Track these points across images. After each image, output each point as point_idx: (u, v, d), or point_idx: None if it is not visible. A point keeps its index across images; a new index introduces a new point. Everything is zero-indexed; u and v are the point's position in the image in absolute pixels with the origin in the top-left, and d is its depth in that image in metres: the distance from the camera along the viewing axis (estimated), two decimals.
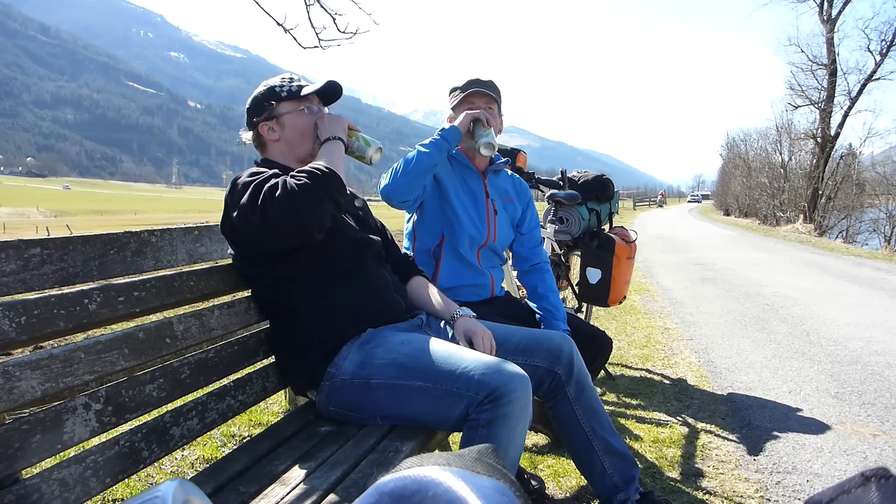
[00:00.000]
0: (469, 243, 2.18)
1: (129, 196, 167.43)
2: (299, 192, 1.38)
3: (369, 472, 1.30)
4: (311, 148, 1.68)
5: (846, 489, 0.41)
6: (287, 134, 1.67)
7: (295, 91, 1.67)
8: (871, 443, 2.67)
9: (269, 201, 1.38)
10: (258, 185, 1.43)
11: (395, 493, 0.38)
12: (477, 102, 2.17)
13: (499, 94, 2.22)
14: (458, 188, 2.19)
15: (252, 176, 1.48)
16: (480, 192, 2.23)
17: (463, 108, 2.17)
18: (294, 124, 1.66)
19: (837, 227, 24.41)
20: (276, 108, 1.66)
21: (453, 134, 2.04)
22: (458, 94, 2.20)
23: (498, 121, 2.18)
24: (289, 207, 1.38)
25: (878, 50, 22.35)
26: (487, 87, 2.18)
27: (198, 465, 2.29)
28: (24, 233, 32.27)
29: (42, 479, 1.06)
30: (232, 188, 1.50)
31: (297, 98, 1.66)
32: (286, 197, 1.38)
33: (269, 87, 1.68)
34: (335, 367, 1.56)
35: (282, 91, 1.66)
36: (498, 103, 2.21)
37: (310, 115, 1.68)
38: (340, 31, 5.29)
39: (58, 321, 1.12)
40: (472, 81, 2.20)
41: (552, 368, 1.76)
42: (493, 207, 2.24)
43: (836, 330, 4.87)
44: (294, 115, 1.66)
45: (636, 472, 1.85)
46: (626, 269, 3.37)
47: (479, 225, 2.19)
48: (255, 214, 1.39)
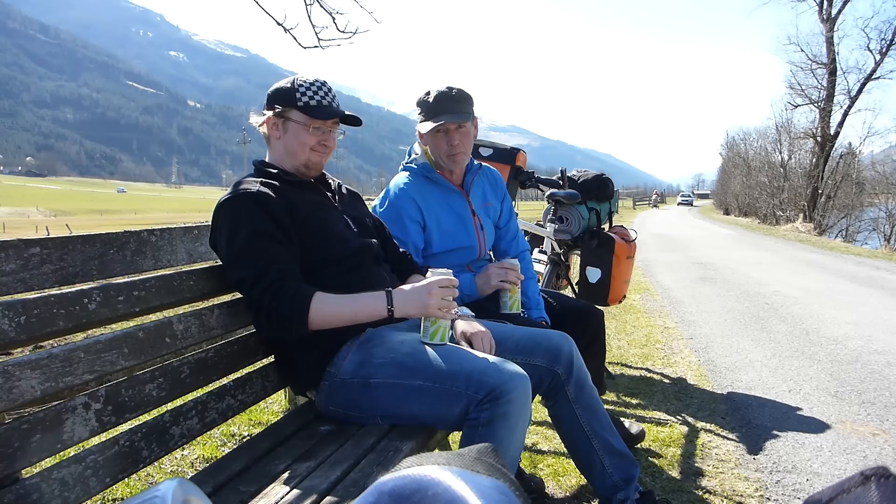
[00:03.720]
0: (461, 264, 2.17)
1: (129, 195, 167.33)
2: (286, 328, 1.48)
3: (369, 471, 1.30)
4: (306, 160, 1.65)
5: (846, 488, 0.41)
6: (287, 139, 1.65)
7: (313, 108, 1.61)
8: (871, 442, 2.67)
9: (268, 318, 1.46)
10: (258, 288, 1.45)
11: (395, 493, 0.38)
12: (450, 130, 2.03)
13: (470, 104, 2.06)
14: (441, 221, 2.11)
15: (249, 242, 1.48)
16: (466, 211, 2.18)
17: (437, 139, 2.04)
18: (296, 135, 1.64)
19: (837, 226, 24.41)
20: (288, 112, 1.63)
21: (470, 295, 2.01)
22: (427, 120, 2.02)
23: (471, 136, 2.08)
24: (281, 330, 1.49)
25: (878, 49, 22.37)
26: (455, 110, 2.01)
27: (198, 465, 2.29)
28: (23, 232, 32.27)
29: (42, 479, 1.06)
30: (228, 233, 1.50)
31: (311, 115, 1.62)
32: (278, 326, 1.47)
33: (293, 87, 1.63)
34: (335, 367, 1.56)
35: (300, 100, 1.61)
36: (471, 114, 2.06)
37: (315, 135, 1.64)
38: (340, 31, 5.29)
39: (57, 321, 1.12)
40: (439, 101, 2.01)
41: (552, 368, 1.76)
42: (479, 222, 2.22)
43: (835, 329, 4.88)
44: (299, 128, 1.63)
45: (636, 471, 1.85)
46: (626, 268, 3.37)
47: (469, 245, 2.17)
48: (256, 314, 1.49)
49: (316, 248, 1.59)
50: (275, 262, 1.47)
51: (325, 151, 1.68)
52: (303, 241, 1.57)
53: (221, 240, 1.52)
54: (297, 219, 1.57)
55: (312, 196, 1.68)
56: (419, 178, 2.14)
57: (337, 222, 1.67)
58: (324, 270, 1.60)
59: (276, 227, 1.51)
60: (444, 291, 1.51)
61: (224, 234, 1.51)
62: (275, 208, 1.53)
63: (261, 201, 1.52)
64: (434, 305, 1.50)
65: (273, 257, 1.48)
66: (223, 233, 1.51)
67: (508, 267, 1.99)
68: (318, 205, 1.66)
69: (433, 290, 1.50)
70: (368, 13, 5.34)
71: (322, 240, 1.61)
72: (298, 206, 1.58)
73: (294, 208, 1.57)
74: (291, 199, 1.59)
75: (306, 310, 1.45)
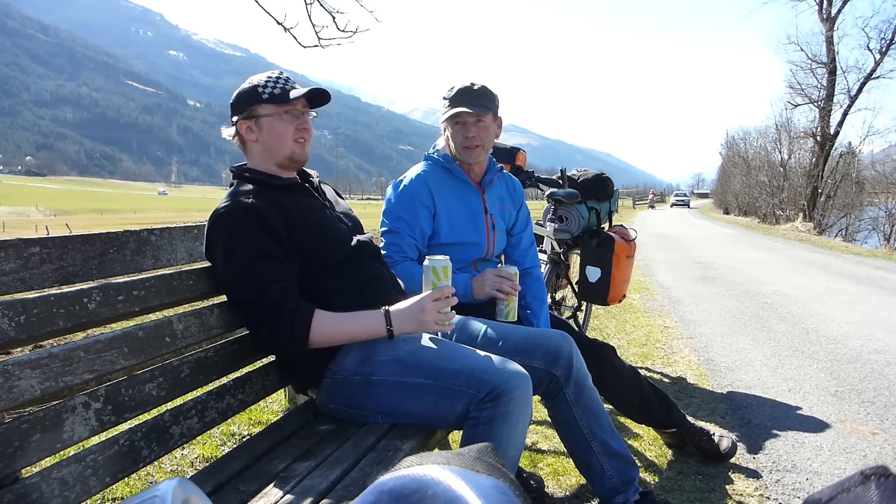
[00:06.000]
0: (466, 261, 2.17)
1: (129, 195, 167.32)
2: (287, 348, 1.51)
3: (369, 470, 1.31)
4: (290, 152, 1.62)
5: (846, 488, 0.41)
6: (264, 136, 1.61)
7: (278, 95, 1.59)
8: (871, 441, 2.68)
9: (268, 338, 1.47)
10: (257, 309, 1.45)
11: (395, 492, 0.38)
12: (468, 122, 2.06)
13: (491, 100, 2.09)
14: (452, 212, 2.12)
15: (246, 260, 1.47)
16: (479, 208, 2.18)
17: (452, 125, 2.09)
18: (272, 128, 1.60)
19: (837, 225, 24.42)
20: (257, 109, 1.59)
21: (464, 296, 2.00)
22: (447, 106, 2.09)
23: (490, 132, 2.10)
24: (281, 349, 1.55)
25: (878, 48, 22.38)
26: (475, 102, 2.05)
27: (197, 464, 2.29)
28: (23, 232, 32.25)
29: (42, 478, 1.06)
30: (225, 250, 1.49)
31: (278, 102, 1.59)
32: (279, 345, 1.50)
33: (252, 85, 1.61)
34: (337, 364, 1.56)
35: (264, 92, 1.58)
36: (492, 110, 2.09)
37: (290, 122, 1.60)
38: (340, 30, 5.29)
39: (57, 320, 1.12)
40: (460, 94, 2.06)
41: (550, 370, 1.76)
42: (492, 222, 2.21)
43: (835, 328, 4.88)
44: (272, 119, 1.59)
45: (635, 474, 1.85)
46: (626, 267, 3.37)
47: (478, 242, 2.17)
48: (256, 334, 1.50)
49: (317, 255, 1.58)
50: (273, 281, 1.47)
51: (306, 138, 1.63)
52: (303, 249, 1.56)
53: (218, 256, 1.51)
54: (295, 227, 1.55)
55: (304, 199, 1.65)
56: (437, 168, 2.16)
57: (332, 223, 1.67)
58: (325, 274, 1.60)
59: (273, 244, 1.50)
60: (438, 304, 1.51)
61: (220, 251, 1.50)
62: (272, 222, 1.50)
63: (258, 216, 1.50)
64: (430, 321, 1.50)
65: (272, 277, 1.47)
66: (219, 249, 1.50)
67: (505, 276, 1.97)
68: (311, 207, 1.64)
69: (426, 307, 1.50)
70: (369, 12, 5.34)
71: (322, 245, 1.60)
72: (294, 214, 1.56)
73: (290, 217, 1.55)
74: (286, 206, 1.56)
75: (307, 331, 1.46)
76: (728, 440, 2.40)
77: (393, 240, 2.05)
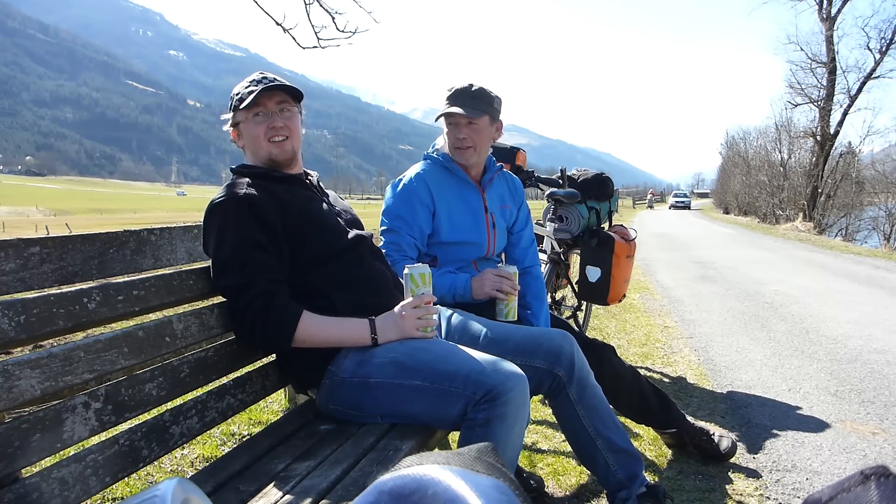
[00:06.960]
0: (466, 260, 2.17)
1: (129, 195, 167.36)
2: (269, 344, 1.54)
3: (369, 470, 1.30)
4: (267, 153, 1.63)
5: (846, 487, 0.41)
6: (246, 142, 1.66)
7: (246, 98, 1.60)
8: (871, 441, 2.68)
9: (252, 330, 1.47)
10: (244, 298, 1.46)
11: (395, 492, 0.38)
12: (460, 123, 2.06)
13: (488, 103, 2.07)
14: (452, 211, 2.12)
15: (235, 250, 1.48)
16: (479, 207, 2.18)
17: (447, 125, 2.08)
18: (248, 133, 1.64)
19: (837, 225, 24.43)
20: (236, 117, 1.65)
21: (464, 296, 2.01)
22: (444, 105, 2.08)
23: (485, 134, 2.09)
24: (264, 344, 1.54)
25: (878, 48, 22.40)
26: (468, 104, 2.03)
27: (197, 464, 2.29)
28: (23, 231, 32.25)
29: (42, 478, 1.06)
30: (217, 239, 1.50)
31: (248, 106, 1.60)
32: (262, 340, 1.50)
33: (232, 94, 1.66)
34: (335, 366, 1.56)
35: (237, 99, 1.63)
36: (489, 113, 2.07)
37: (261, 123, 1.61)
38: (340, 31, 5.29)
39: (57, 320, 1.12)
40: (456, 94, 2.05)
41: (552, 370, 1.76)
42: (492, 220, 2.21)
43: (835, 328, 4.88)
44: (247, 125, 1.64)
45: (640, 468, 1.86)
46: (626, 267, 3.37)
47: (478, 241, 2.17)
48: (239, 324, 1.50)
49: (314, 242, 1.59)
50: (262, 272, 1.47)
51: (283, 135, 1.63)
52: (299, 237, 1.57)
53: (210, 245, 1.52)
54: (291, 215, 1.57)
55: (300, 190, 1.67)
56: (437, 167, 2.16)
57: (328, 216, 1.68)
58: (326, 265, 1.60)
59: (265, 235, 1.51)
60: (417, 311, 1.55)
61: (212, 240, 1.51)
62: (266, 212, 1.52)
63: (252, 206, 1.51)
64: (411, 327, 1.55)
65: (261, 267, 1.48)
66: (212, 238, 1.51)
67: (505, 276, 1.97)
68: (307, 198, 1.66)
69: (405, 314, 1.55)
70: (367, 13, 5.34)
71: (319, 233, 1.61)
72: (289, 203, 1.58)
73: (285, 205, 1.57)
74: (282, 196, 1.58)
75: (292, 331, 1.47)
76: (728, 440, 2.40)
77: (392, 239, 2.05)
